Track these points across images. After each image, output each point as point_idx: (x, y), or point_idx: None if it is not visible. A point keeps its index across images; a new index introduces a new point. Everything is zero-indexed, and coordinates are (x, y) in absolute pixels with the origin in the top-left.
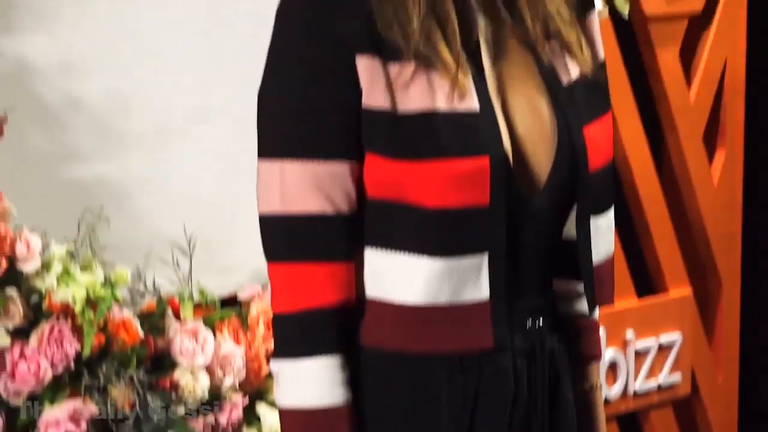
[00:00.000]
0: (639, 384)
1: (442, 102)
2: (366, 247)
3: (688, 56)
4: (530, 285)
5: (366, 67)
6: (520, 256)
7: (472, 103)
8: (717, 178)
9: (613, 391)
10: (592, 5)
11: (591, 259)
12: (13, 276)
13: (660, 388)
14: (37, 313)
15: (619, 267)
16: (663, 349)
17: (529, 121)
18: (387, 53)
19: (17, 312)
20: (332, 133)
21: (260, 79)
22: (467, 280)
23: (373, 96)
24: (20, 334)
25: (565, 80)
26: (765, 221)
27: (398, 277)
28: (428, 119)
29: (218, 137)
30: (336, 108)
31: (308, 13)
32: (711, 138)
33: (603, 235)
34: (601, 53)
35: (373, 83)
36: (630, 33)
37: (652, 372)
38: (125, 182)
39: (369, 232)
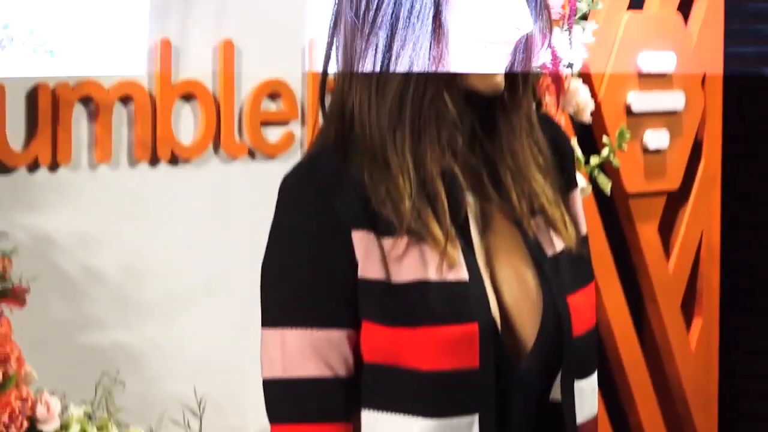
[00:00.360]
0: None
1: (432, 273)
2: (362, 408)
3: (666, 230)
4: None
5: (361, 241)
6: (510, 417)
7: (462, 273)
8: (694, 344)
9: None
10: (574, 183)
11: (575, 421)
12: None
13: None
14: None
15: (602, 427)
16: None
17: (516, 291)
18: (380, 228)
19: None
20: (330, 303)
21: (264, 253)
22: None
23: (369, 268)
24: None
25: (549, 252)
26: (741, 386)
27: None
28: (420, 289)
29: (225, 306)
30: (334, 280)
31: (309, 191)
32: (688, 306)
33: (587, 397)
34: (584, 228)
35: (368, 256)
36: (612, 209)
37: None
38: (139, 348)
39: (365, 394)
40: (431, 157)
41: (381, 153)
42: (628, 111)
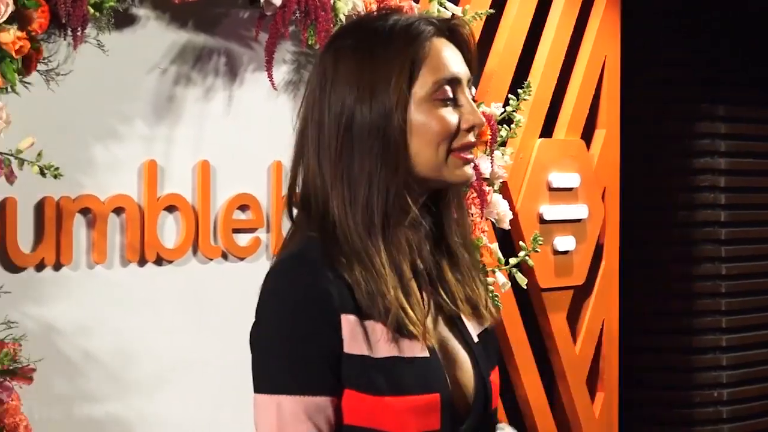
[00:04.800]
0: None
1: (404, 351)
2: None
3: (573, 318)
4: None
5: (348, 323)
6: None
7: (424, 352)
8: (598, 413)
9: None
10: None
11: None
12: None
13: None
14: None
15: None
16: None
17: (456, 370)
18: (363, 313)
19: None
20: (320, 374)
21: (256, 329)
22: None
23: (353, 345)
24: None
25: (476, 336)
26: None
27: None
28: (395, 363)
29: (202, 383)
30: (324, 355)
31: (304, 278)
32: (592, 382)
33: None
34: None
35: (353, 335)
36: (527, 301)
37: None
38: (129, 418)
39: None
40: (402, 256)
41: (365, 255)
42: (541, 219)
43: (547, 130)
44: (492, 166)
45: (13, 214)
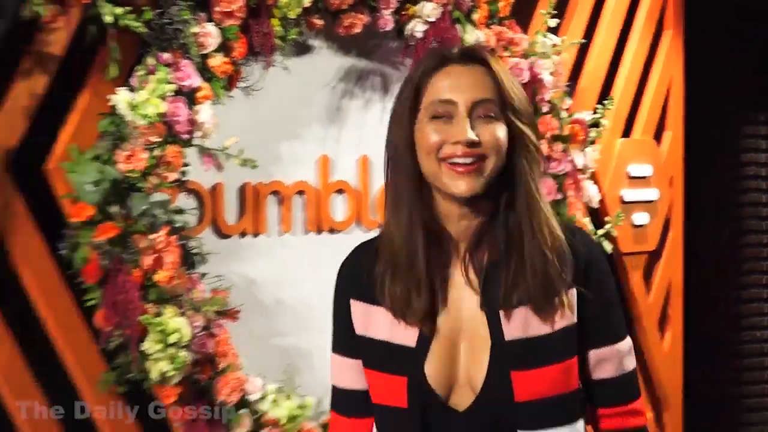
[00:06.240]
0: None
1: (393, 337)
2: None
3: (647, 275)
4: None
5: (357, 307)
6: None
7: (412, 341)
8: (666, 347)
9: None
10: (576, 284)
11: None
12: (244, 402)
13: None
14: (257, 424)
15: None
16: None
17: (466, 362)
18: (375, 300)
19: (248, 423)
20: (348, 342)
21: None
22: None
23: (359, 326)
24: None
25: (509, 337)
26: (697, 374)
27: None
28: (382, 346)
29: None
30: (343, 328)
31: (343, 268)
32: (662, 324)
33: None
34: (569, 321)
35: (358, 318)
36: (612, 263)
37: None
38: (309, 349)
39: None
40: (432, 264)
41: (390, 252)
42: (622, 201)
43: (627, 132)
44: (584, 160)
45: (222, 195)
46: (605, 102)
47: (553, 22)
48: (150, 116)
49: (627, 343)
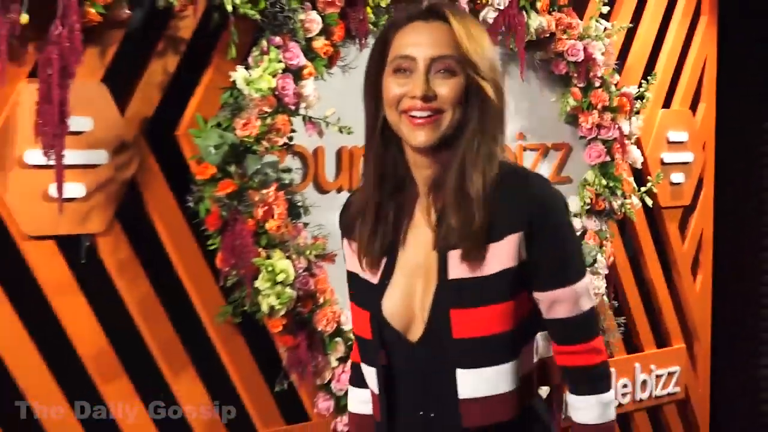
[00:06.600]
0: None
1: (363, 273)
2: None
3: (682, 227)
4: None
5: (347, 247)
6: (404, 377)
7: (375, 279)
8: (698, 288)
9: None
10: (512, 231)
11: (457, 395)
12: (339, 331)
13: None
14: (349, 349)
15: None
16: None
17: (418, 300)
18: (353, 238)
19: (341, 349)
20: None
21: None
22: (371, 381)
23: (348, 263)
24: (343, 360)
25: (452, 276)
26: (724, 310)
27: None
28: (358, 281)
29: None
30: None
31: (342, 209)
32: (695, 268)
33: (475, 381)
34: (506, 265)
35: (348, 255)
36: (652, 216)
37: None
38: None
39: None
40: (388, 204)
41: (363, 199)
42: (662, 162)
43: (667, 104)
44: (630, 128)
45: (323, 157)
46: (649, 78)
47: (604, 9)
48: (263, 90)
49: (582, 284)
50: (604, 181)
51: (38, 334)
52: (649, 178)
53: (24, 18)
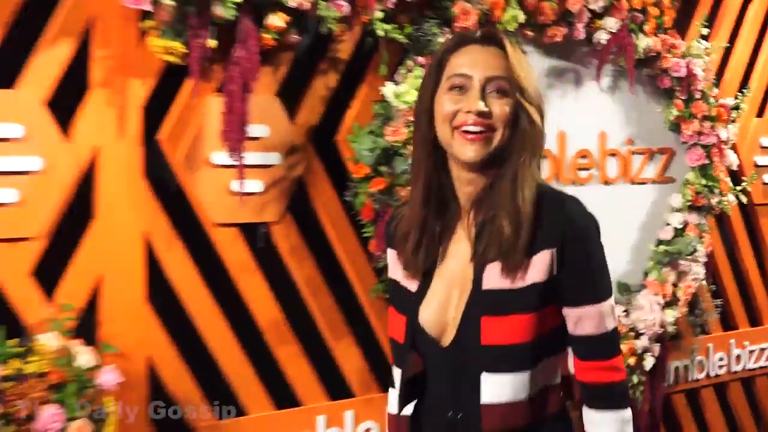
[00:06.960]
0: None
1: (403, 281)
2: None
3: None
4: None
5: (391, 255)
6: (436, 380)
7: (414, 288)
8: None
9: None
10: (542, 248)
11: (478, 401)
12: None
13: None
14: None
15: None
16: None
17: (453, 308)
18: (395, 247)
19: None
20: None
21: None
22: (399, 382)
23: (391, 270)
24: None
25: (486, 287)
26: None
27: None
28: (399, 288)
29: None
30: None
31: (388, 221)
32: None
33: (498, 386)
34: (537, 278)
35: (391, 263)
36: (746, 212)
37: None
38: None
39: None
40: (441, 224)
41: (409, 212)
42: (755, 165)
43: (760, 113)
44: (727, 134)
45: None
46: (744, 90)
47: (704, 31)
48: (409, 102)
49: (607, 305)
50: (703, 181)
51: (225, 306)
52: (743, 178)
53: (212, 43)
